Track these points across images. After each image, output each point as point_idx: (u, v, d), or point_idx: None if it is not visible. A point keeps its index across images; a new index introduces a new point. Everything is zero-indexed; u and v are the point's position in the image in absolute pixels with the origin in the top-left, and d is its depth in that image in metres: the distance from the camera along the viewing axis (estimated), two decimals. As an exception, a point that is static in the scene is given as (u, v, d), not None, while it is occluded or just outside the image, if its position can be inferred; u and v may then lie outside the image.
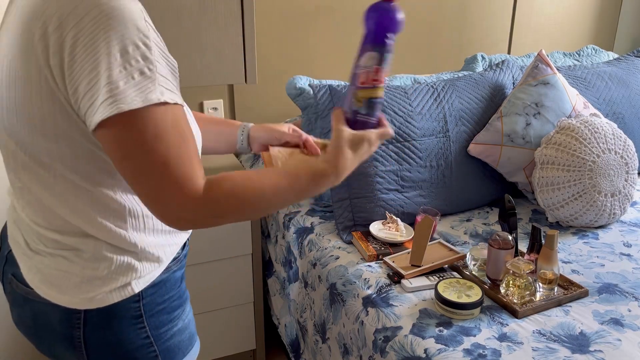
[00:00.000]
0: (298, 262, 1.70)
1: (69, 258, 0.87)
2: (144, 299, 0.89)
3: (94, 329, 0.87)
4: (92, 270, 0.86)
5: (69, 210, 0.84)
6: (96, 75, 0.72)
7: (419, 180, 1.69)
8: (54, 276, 0.87)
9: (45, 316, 0.88)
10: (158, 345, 0.91)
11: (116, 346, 0.88)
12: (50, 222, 0.86)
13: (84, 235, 0.86)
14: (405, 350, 1.18)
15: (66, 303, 0.86)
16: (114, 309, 0.87)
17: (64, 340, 0.88)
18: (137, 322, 0.89)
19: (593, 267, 1.47)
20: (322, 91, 1.72)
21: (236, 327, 1.88)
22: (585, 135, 1.65)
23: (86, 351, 0.88)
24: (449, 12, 2.48)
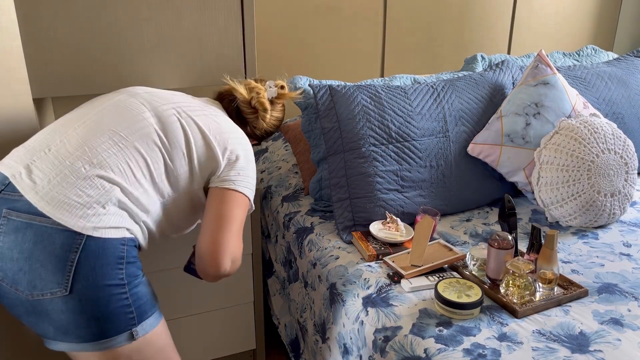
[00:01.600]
0: (298, 262, 1.70)
1: (90, 195, 1.09)
2: (127, 246, 1.12)
3: (87, 256, 1.05)
4: (103, 208, 1.09)
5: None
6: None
7: (419, 180, 1.69)
8: (71, 205, 1.07)
9: (49, 238, 1.05)
10: (129, 287, 1.11)
11: (99, 277, 1.06)
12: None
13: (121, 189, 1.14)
14: (405, 350, 1.18)
15: (76, 227, 1.06)
16: (108, 243, 1.08)
17: (58, 262, 1.04)
18: (119, 262, 1.09)
19: (593, 267, 1.47)
20: (322, 91, 1.72)
21: (236, 327, 1.89)
22: (585, 135, 1.65)
23: (74, 275, 1.05)
24: (449, 12, 2.49)
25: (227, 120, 1.33)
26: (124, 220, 1.13)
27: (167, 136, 1.21)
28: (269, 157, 2.19)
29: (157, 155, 1.19)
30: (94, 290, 1.06)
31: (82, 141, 1.15)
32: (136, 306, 1.12)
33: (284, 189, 1.98)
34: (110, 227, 1.10)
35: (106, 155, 1.14)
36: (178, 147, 1.21)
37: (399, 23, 2.41)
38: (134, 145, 1.17)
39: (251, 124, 1.45)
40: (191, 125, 1.24)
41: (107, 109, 1.22)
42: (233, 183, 1.25)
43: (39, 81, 1.48)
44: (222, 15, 1.59)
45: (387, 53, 2.43)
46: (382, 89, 1.76)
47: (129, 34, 1.52)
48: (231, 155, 1.27)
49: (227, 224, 1.21)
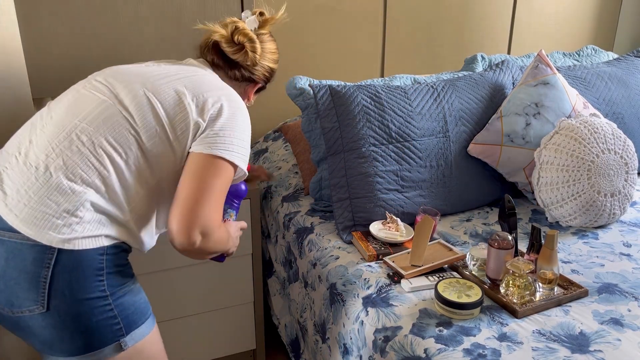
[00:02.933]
0: (298, 262, 1.70)
1: (59, 203, 1.02)
2: (107, 255, 1.05)
3: (61, 270, 1.00)
4: (74, 217, 1.02)
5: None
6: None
7: (419, 180, 1.69)
8: (38, 218, 1.00)
9: (19, 254, 1.00)
10: (113, 299, 1.05)
11: (76, 291, 1.01)
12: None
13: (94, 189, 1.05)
14: (405, 350, 1.18)
15: (45, 241, 0.99)
16: (82, 255, 1.01)
17: (31, 279, 1.00)
18: (98, 273, 1.03)
19: (593, 267, 1.47)
20: (322, 91, 1.72)
21: (236, 327, 1.89)
22: (585, 135, 1.65)
23: (48, 292, 1.00)
24: (449, 12, 2.49)
25: (209, 76, 1.18)
26: (102, 227, 1.05)
27: (135, 116, 1.08)
28: (269, 157, 2.19)
29: (128, 139, 1.07)
30: (73, 305, 1.01)
31: (47, 142, 1.06)
32: (123, 317, 1.06)
33: (284, 189, 1.98)
34: (84, 237, 1.02)
35: (71, 153, 1.04)
36: (149, 125, 1.08)
37: (399, 23, 2.41)
38: (101, 135, 1.06)
39: (244, 65, 1.28)
40: (162, 93, 1.10)
41: (71, 101, 1.11)
42: (209, 147, 1.09)
43: (39, 81, 1.48)
44: (222, 15, 1.59)
45: (387, 53, 2.43)
46: (382, 89, 1.76)
47: (129, 34, 1.52)
48: (212, 110, 1.11)
49: (202, 194, 1.06)
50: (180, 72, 1.16)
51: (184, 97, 1.10)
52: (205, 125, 1.10)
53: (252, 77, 1.30)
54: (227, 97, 1.15)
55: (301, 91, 1.87)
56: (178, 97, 1.10)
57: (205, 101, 1.11)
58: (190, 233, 1.05)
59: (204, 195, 1.07)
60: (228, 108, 1.13)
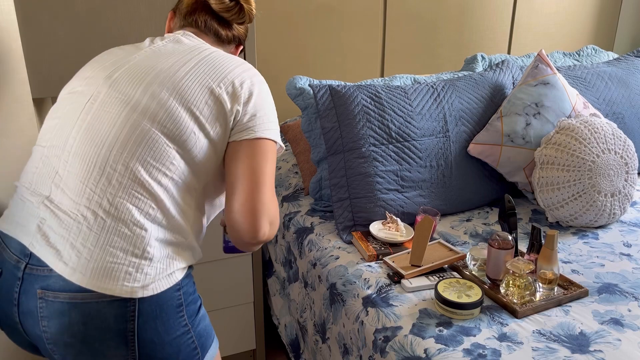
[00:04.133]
0: (298, 262, 1.70)
1: (124, 249, 0.94)
2: (182, 288, 0.99)
3: (146, 319, 0.93)
4: (144, 260, 0.94)
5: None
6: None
7: (419, 180, 1.69)
8: (107, 270, 0.92)
9: (98, 315, 0.91)
10: (193, 330, 1.01)
11: (164, 335, 0.96)
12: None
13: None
14: (405, 350, 1.18)
15: (123, 293, 0.91)
16: (162, 297, 0.95)
17: (118, 337, 0.92)
18: (179, 310, 0.98)
19: (593, 267, 1.47)
20: (322, 91, 1.72)
21: (236, 327, 1.89)
22: (585, 135, 1.65)
23: (138, 344, 0.94)
24: (449, 12, 2.49)
25: (214, 53, 1.08)
26: (172, 261, 0.98)
27: (170, 127, 0.98)
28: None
29: (170, 155, 0.98)
30: (163, 348, 0.96)
31: (81, 183, 0.95)
32: (200, 344, 1.03)
33: (284, 189, 1.98)
34: (160, 278, 0.95)
35: (115, 191, 0.94)
36: (188, 132, 0.99)
37: (399, 23, 2.41)
38: (139, 160, 0.96)
39: (236, 22, 1.18)
40: (189, 91, 1.01)
41: (89, 126, 0.99)
42: (253, 131, 1.02)
43: (39, 81, 1.48)
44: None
45: (387, 53, 2.43)
46: (382, 89, 1.76)
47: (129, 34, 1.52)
48: (243, 93, 1.03)
49: (259, 181, 1.00)
50: (186, 55, 1.06)
51: (211, 89, 1.01)
52: (242, 110, 1.03)
53: (239, 36, 1.20)
54: (249, 73, 1.07)
55: (301, 91, 1.87)
56: (206, 91, 1.01)
57: (232, 84, 1.03)
58: (260, 224, 0.99)
59: (262, 183, 1.00)
60: (254, 85, 1.06)
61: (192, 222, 1.03)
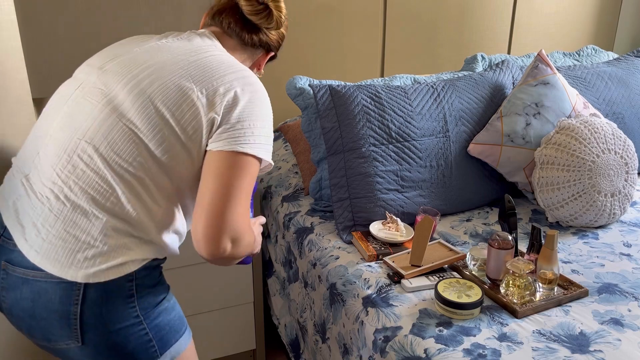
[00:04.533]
0: (298, 262, 1.70)
1: (77, 236, 0.96)
2: (136, 280, 0.99)
3: (90, 305, 0.95)
4: (96, 248, 0.96)
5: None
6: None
7: (419, 180, 1.69)
8: (59, 253, 0.95)
9: (45, 294, 0.96)
10: (147, 322, 1.00)
11: (109, 323, 0.97)
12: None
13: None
14: (405, 350, 1.18)
15: (70, 277, 0.94)
16: (110, 285, 0.96)
17: (61, 318, 0.96)
18: (129, 300, 0.98)
19: (593, 267, 1.47)
20: (322, 91, 1.72)
21: (236, 327, 1.89)
22: (585, 135, 1.65)
23: (80, 328, 0.96)
24: (449, 12, 2.49)
25: (217, 57, 1.06)
26: (128, 251, 0.97)
27: (139, 124, 0.98)
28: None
29: (136, 152, 0.97)
30: (108, 336, 0.97)
31: (51, 167, 0.98)
32: (157, 338, 1.02)
33: (284, 189, 1.98)
34: (109, 268, 0.96)
35: (77, 178, 0.96)
36: (157, 131, 0.98)
37: (399, 23, 2.41)
38: (106, 153, 0.97)
39: (264, 27, 1.15)
40: (166, 90, 0.99)
41: (67, 113, 1.01)
42: (229, 142, 0.98)
43: (39, 81, 1.48)
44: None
45: (387, 53, 2.43)
46: (382, 89, 1.76)
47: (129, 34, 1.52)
48: (226, 100, 0.99)
49: (229, 199, 0.97)
50: (183, 55, 1.04)
51: (190, 92, 0.99)
52: (220, 119, 0.99)
53: (268, 42, 1.17)
54: (241, 81, 1.03)
55: (301, 91, 1.87)
56: (184, 93, 0.99)
57: (215, 91, 0.99)
58: (220, 241, 0.96)
59: (231, 199, 0.97)
60: (243, 93, 1.01)
61: (158, 219, 1.01)
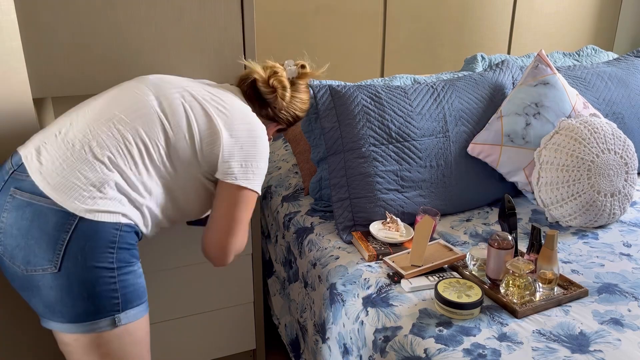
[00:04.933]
0: (298, 262, 1.70)
1: (87, 177, 1.13)
2: (121, 231, 1.14)
3: (79, 236, 1.09)
4: (99, 192, 1.12)
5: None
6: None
7: (419, 180, 1.69)
8: (67, 187, 1.11)
9: (44, 217, 1.10)
10: (118, 272, 1.13)
11: (88, 257, 1.10)
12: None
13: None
14: (405, 350, 1.18)
15: (70, 208, 1.10)
16: (100, 226, 1.11)
17: (50, 240, 1.09)
18: (110, 246, 1.12)
19: (593, 267, 1.47)
20: (322, 91, 1.72)
21: (236, 327, 1.89)
22: (585, 135, 1.65)
23: (63, 253, 1.09)
24: (449, 12, 2.49)
25: (239, 104, 1.31)
26: (122, 206, 1.15)
27: (169, 119, 1.21)
28: (269, 157, 2.19)
29: (158, 136, 1.20)
30: (82, 270, 1.09)
31: (86, 125, 1.19)
32: (122, 293, 1.14)
33: (284, 189, 1.98)
34: (104, 211, 1.12)
35: (106, 137, 1.17)
36: (180, 131, 1.21)
37: (399, 23, 2.41)
38: (135, 127, 1.19)
39: (272, 105, 1.41)
40: (196, 109, 1.24)
41: (114, 95, 1.26)
42: (246, 179, 1.25)
43: (39, 81, 1.48)
44: (222, 15, 1.59)
45: (387, 53, 2.43)
46: (382, 89, 1.76)
47: (129, 34, 1.52)
48: (238, 137, 1.26)
49: (235, 226, 1.26)
50: (216, 95, 1.29)
51: (215, 120, 1.24)
52: (230, 152, 1.24)
53: (276, 118, 1.43)
54: (252, 127, 1.28)
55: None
56: (210, 118, 1.24)
57: (232, 130, 1.25)
58: (227, 258, 1.29)
59: (237, 227, 1.26)
60: (252, 137, 1.27)
61: (152, 197, 1.21)
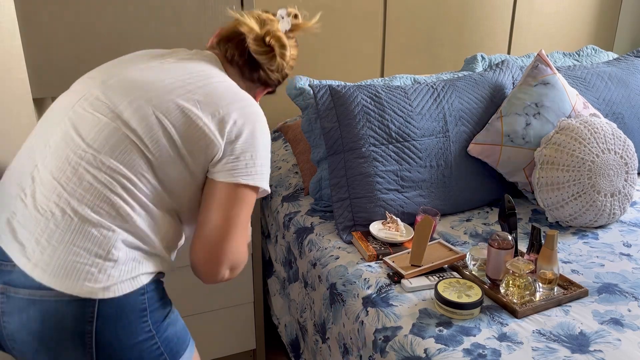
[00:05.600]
0: (298, 262, 1.70)
1: (88, 249, 0.93)
2: (147, 293, 0.97)
3: (105, 322, 0.92)
4: (108, 261, 0.93)
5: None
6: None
7: (419, 180, 1.69)
8: (69, 269, 0.91)
9: (56, 314, 0.90)
10: (158, 336, 0.98)
11: (124, 339, 0.94)
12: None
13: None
14: (405, 350, 1.18)
15: (83, 293, 0.90)
16: (124, 300, 0.93)
17: (75, 338, 0.91)
18: (142, 315, 0.96)
19: (593, 267, 1.47)
20: (322, 91, 1.72)
21: (236, 327, 1.89)
22: (585, 135, 1.65)
23: (96, 347, 0.92)
24: (449, 12, 2.49)
25: (222, 83, 1.06)
26: (138, 265, 0.97)
27: (147, 142, 0.98)
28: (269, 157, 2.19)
29: (142, 168, 0.98)
30: (122, 353, 0.94)
31: (53, 179, 0.96)
32: (167, 350, 1.01)
33: (284, 189, 1.98)
34: (123, 281, 0.94)
35: (84, 191, 0.94)
36: (163, 151, 0.98)
37: (399, 23, 2.41)
38: (113, 166, 0.96)
39: (266, 68, 1.15)
40: (174, 113, 0.99)
41: (69, 124, 0.99)
42: (232, 174, 1.01)
43: (39, 81, 1.48)
44: (222, 15, 1.59)
45: (387, 53, 2.43)
46: (382, 89, 1.76)
47: (129, 34, 1.52)
48: (230, 130, 1.01)
49: (229, 230, 1.01)
50: (190, 78, 1.04)
51: (197, 118, 0.99)
52: (223, 148, 1.01)
53: (268, 81, 1.19)
54: (245, 110, 1.05)
55: (301, 91, 1.87)
56: (191, 119, 0.99)
57: (222, 119, 1.01)
58: (218, 270, 1.02)
59: (231, 230, 1.01)
60: (246, 124, 1.03)
61: (163, 233, 1.01)
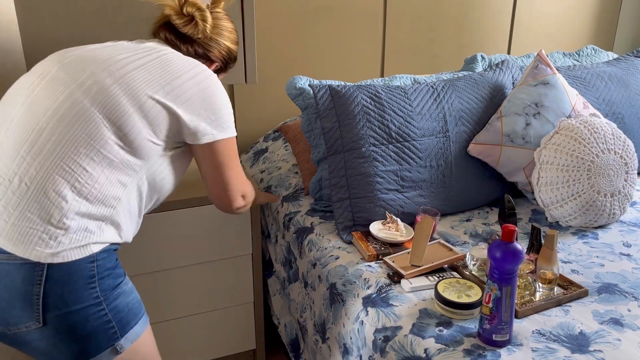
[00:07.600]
0: (298, 262, 1.70)
1: (41, 216, 0.98)
2: (97, 261, 1.03)
3: (53, 285, 0.98)
4: (60, 229, 0.99)
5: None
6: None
7: (419, 180, 1.69)
8: (22, 234, 0.97)
9: (8, 275, 0.98)
10: (106, 304, 1.04)
11: (70, 303, 1.00)
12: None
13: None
14: (405, 350, 1.18)
15: (34, 257, 0.97)
16: (72, 266, 0.99)
17: (24, 299, 0.98)
18: (90, 281, 1.02)
19: (593, 267, 1.47)
20: (322, 91, 1.72)
21: (236, 327, 1.89)
22: (585, 135, 1.65)
23: (42, 307, 0.98)
24: (449, 12, 2.49)
25: (170, 55, 1.13)
26: (89, 234, 1.02)
27: (109, 112, 1.03)
28: (269, 157, 2.19)
29: (105, 136, 1.02)
30: (68, 316, 1.00)
31: (15, 149, 1.00)
32: (117, 320, 1.06)
33: (284, 189, 1.98)
34: (73, 248, 1.00)
35: (44, 160, 0.99)
36: (124, 118, 1.03)
37: (399, 23, 2.41)
38: (74, 136, 1.00)
39: (197, 40, 1.24)
40: (133, 84, 1.06)
41: (32, 97, 1.04)
42: (211, 135, 1.14)
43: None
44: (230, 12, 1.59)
45: (387, 53, 2.43)
46: (382, 89, 1.76)
47: (129, 34, 1.52)
48: (188, 96, 1.10)
49: (225, 174, 1.21)
50: (142, 55, 1.11)
51: (156, 89, 1.07)
52: (188, 117, 1.10)
53: (207, 53, 1.26)
54: (197, 78, 1.12)
55: (301, 91, 1.87)
56: (151, 90, 1.06)
57: (176, 89, 1.09)
58: (232, 203, 1.26)
59: (228, 174, 1.21)
60: (204, 90, 1.12)
61: (124, 201, 1.08)
